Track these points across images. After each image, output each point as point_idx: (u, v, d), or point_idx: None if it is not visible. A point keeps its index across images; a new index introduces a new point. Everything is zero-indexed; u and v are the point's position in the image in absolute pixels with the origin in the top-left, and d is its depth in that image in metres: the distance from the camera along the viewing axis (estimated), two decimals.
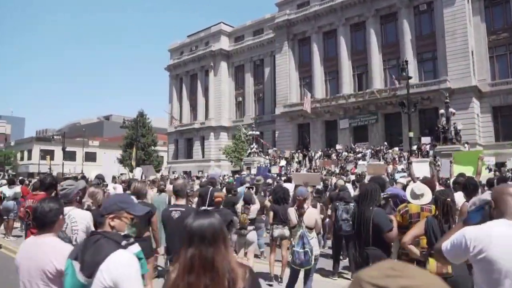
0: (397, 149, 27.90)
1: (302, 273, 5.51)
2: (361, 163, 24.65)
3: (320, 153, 31.85)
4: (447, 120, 22.35)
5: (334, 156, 30.44)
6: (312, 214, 5.65)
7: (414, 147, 24.36)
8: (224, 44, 50.66)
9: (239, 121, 47.46)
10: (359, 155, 28.85)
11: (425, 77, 32.42)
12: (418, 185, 5.32)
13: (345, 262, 8.13)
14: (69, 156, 53.73)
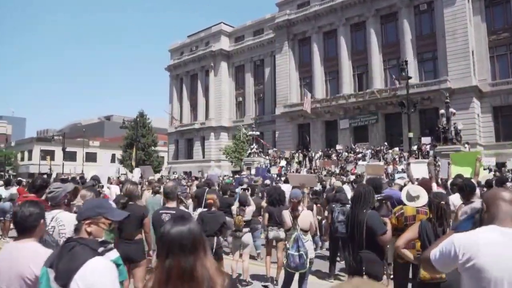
0: (397, 149, 27.86)
1: (297, 276, 5.45)
2: (361, 163, 24.55)
3: (320, 154, 31.79)
4: (447, 120, 22.26)
5: (334, 156, 30.41)
6: (306, 217, 5.56)
7: (414, 147, 24.30)
8: (224, 44, 50.65)
9: (239, 121, 47.41)
10: (359, 155, 28.80)
11: (425, 77, 32.33)
12: (414, 187, 5.25)
13: (341, 264, 8.05)
14: (70, 156, 53.84)
